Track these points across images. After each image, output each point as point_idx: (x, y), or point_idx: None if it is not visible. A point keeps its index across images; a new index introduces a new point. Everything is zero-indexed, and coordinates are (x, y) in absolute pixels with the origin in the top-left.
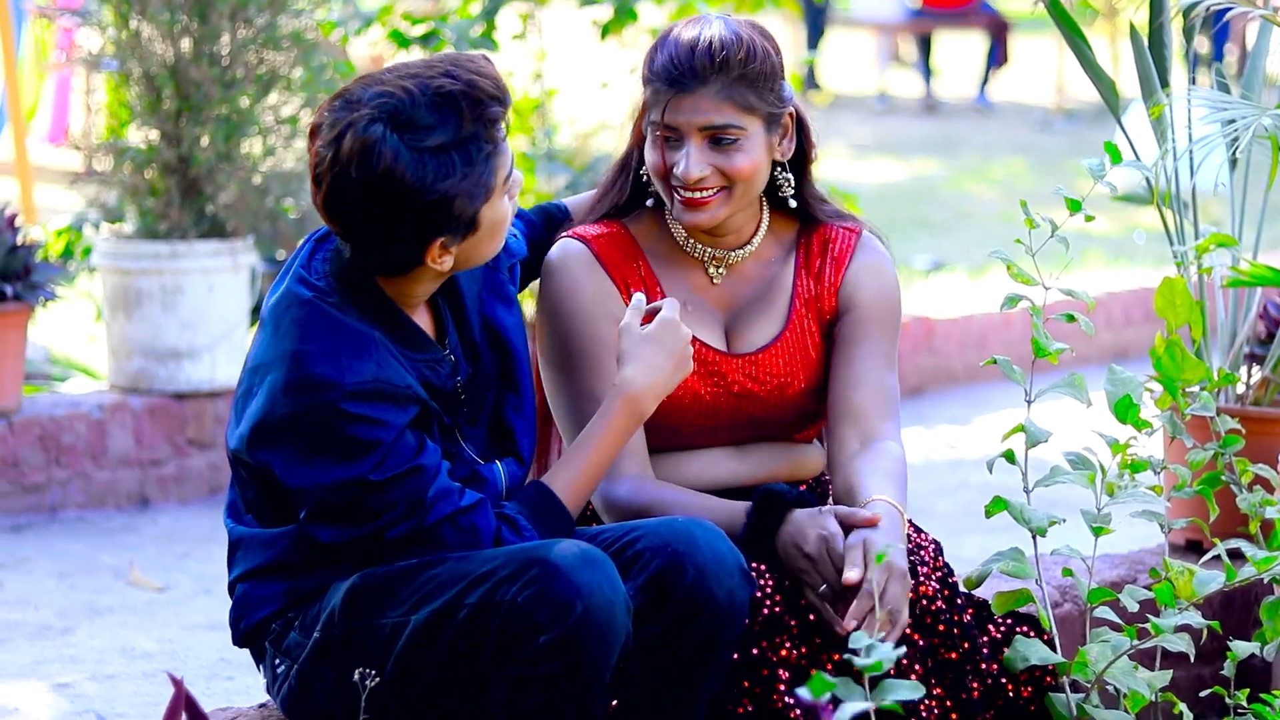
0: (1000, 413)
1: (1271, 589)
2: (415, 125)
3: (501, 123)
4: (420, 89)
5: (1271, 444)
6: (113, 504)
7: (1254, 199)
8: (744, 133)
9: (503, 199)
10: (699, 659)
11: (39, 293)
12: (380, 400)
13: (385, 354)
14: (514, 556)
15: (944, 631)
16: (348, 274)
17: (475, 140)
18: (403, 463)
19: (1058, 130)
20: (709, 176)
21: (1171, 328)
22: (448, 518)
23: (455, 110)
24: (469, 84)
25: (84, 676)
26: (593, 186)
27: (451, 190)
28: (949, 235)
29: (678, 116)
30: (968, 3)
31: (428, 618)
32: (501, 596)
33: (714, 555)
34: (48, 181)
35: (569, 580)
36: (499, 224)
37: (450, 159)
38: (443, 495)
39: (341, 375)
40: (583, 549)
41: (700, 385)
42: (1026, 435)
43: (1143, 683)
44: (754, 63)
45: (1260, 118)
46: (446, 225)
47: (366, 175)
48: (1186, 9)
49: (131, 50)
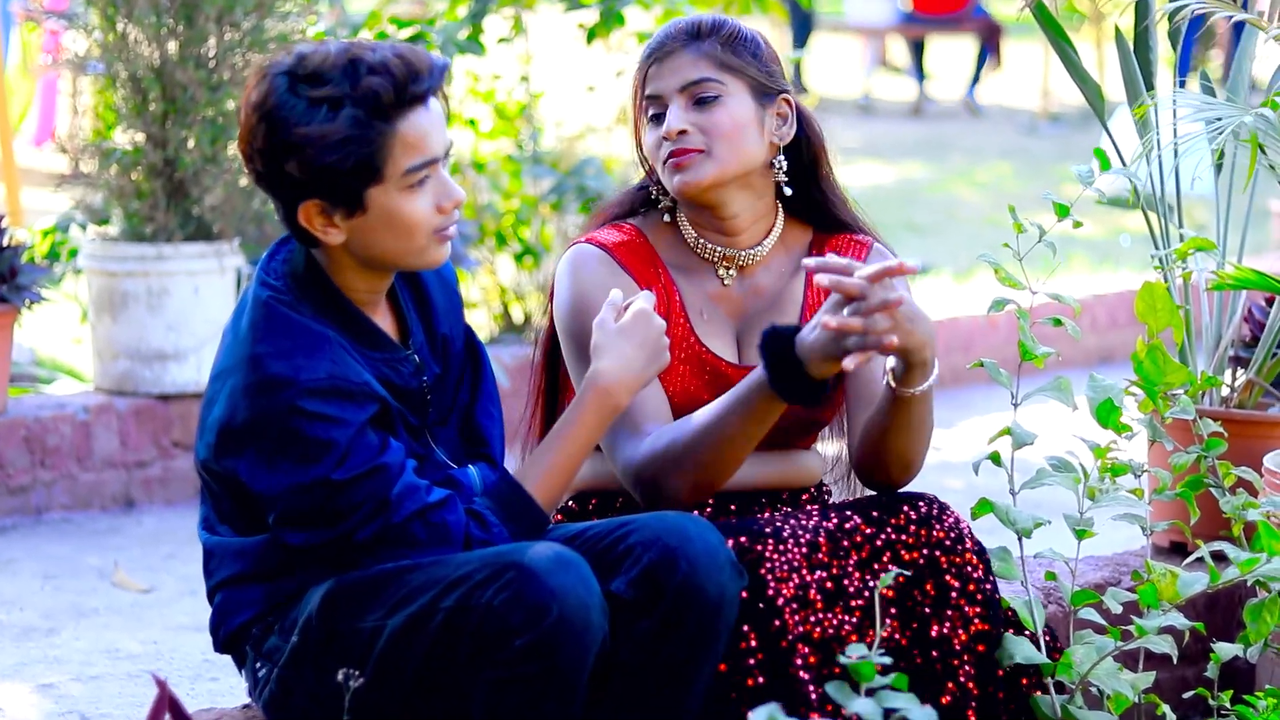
0: (986, 416)
1: (1255, 591)
2: (314, 77)
3: (411, 113)
4: (340, 53)
5: (1256, 446)
6: (98, 505)
7: (1239, 202)
8: (724, 89)
9: (407, 194)
10: (691, 653)
11: (25, 294)
12: (337, 397)
13: (340, 351)
14: (489, 560)
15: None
16: (303, 273)
17: (364, 107)
18: (365, 461)
19: (1044, 134)
20: (691, 134)
21: (1152, 332)
22: (416, 514)
23: (356, 76)
24: (383, 62)
25: (69, 678)
26: (579, 190)
27: (315, 139)
28: (935, 238)
29: (658, 83)
30: (960, 7)
31: (404, 622)
32: (477, 600)
33: (705, 549)
34: (34, 183)
35: (544, 583)
36: (399, 218)
37: (326, 113)
38: (409, 492)
39: (297, 373)
40: (557, 551)
41: (709, 394)
42: (1013, 437)
43: (1127, 684)
44: (728, 27)
45: (1241, 118)
46: (319, 186)
47: (251, 107)
48: (1171, 13)
49: (118, 53)
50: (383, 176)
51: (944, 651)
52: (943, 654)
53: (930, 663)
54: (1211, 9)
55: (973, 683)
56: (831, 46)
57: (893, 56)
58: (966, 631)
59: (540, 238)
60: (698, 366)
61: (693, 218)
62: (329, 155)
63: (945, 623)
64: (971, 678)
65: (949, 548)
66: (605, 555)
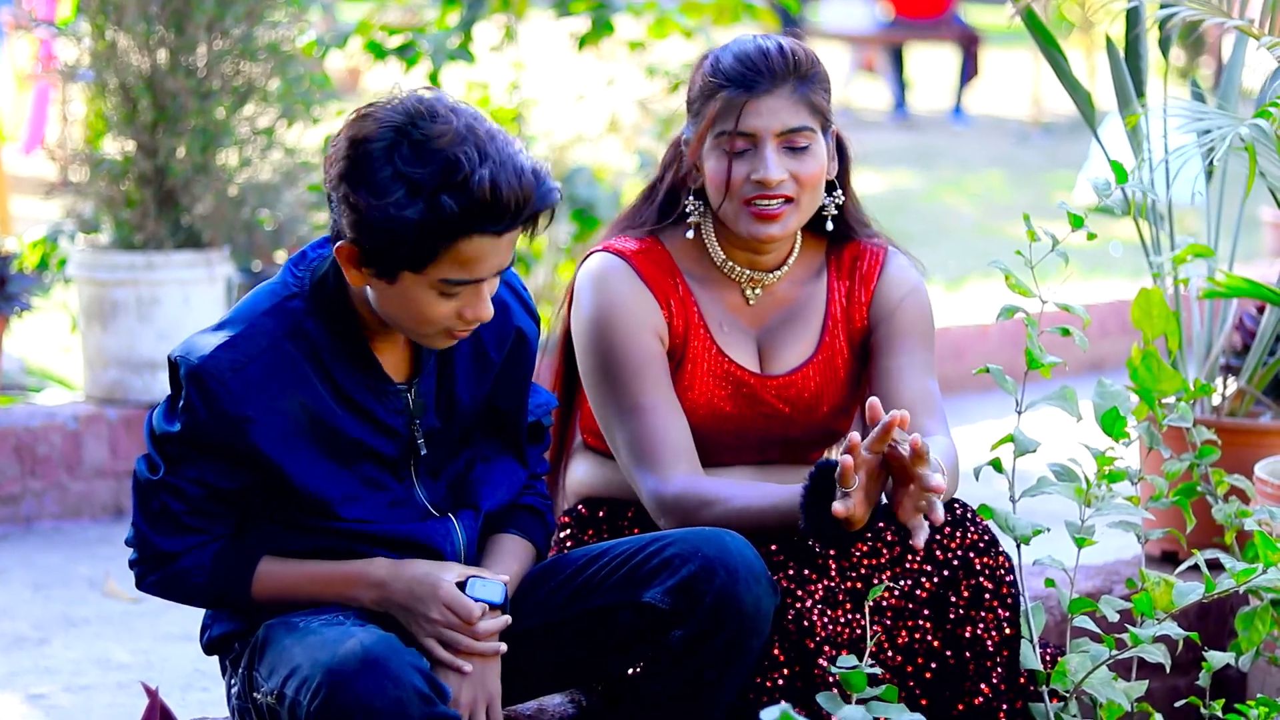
0: (978, 424)
1: (1247, 599)
2: (415, 152)
3: (480, 237)
4: (456, 140)
5: (1247, 454)
6: (88, 515)
7: (1230, 211)
8: (814, 137)
9: (437, 294)
10: (722, 664)
11: (14, 303)
12: (204, 400)
13: (275, 371)
14: (312, 656)
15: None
16: (327, 280)
17: (436, 215)
18: (190, 445)
19: (1034, 143)
20: (786, 181)
21: (1148, 339)
22: (161, 512)
23: (449, 178)
24: (480, 182)
25: (59, 687)
26: (569, 199)
27: (377, 212)
28: (926, 247)
29: (755, 120)
30: (939, 15)
31: (273, 692)
32: (302, 698)
33: (744, 562)
34: (23, 192)
35: (347, 692)
36: (419, 308)
37: (402, 196)
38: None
39: (206, 350)
40: (365, 648)
41: (732, 406)
42: (1015, 445)
43: (1121, 693)
44: (817, 65)
45: (1237, 128)
46: (360, 233)
47: (349, 137)
48: (1162, 20)
49: (108, 61)
50: (422, 272)
51: (977, 653)
52: (976, 655)
53: (963, 664)
54: (1203, 16)
55: (1005, 684)
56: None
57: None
58: (1000, 633)
59: (530, 246)
60: (721, 377)
61: (725, 241)
62: (382, 232)
63: (979, 625)
64: (1003, 679)
65: (983, 550)
66: (640, 568)
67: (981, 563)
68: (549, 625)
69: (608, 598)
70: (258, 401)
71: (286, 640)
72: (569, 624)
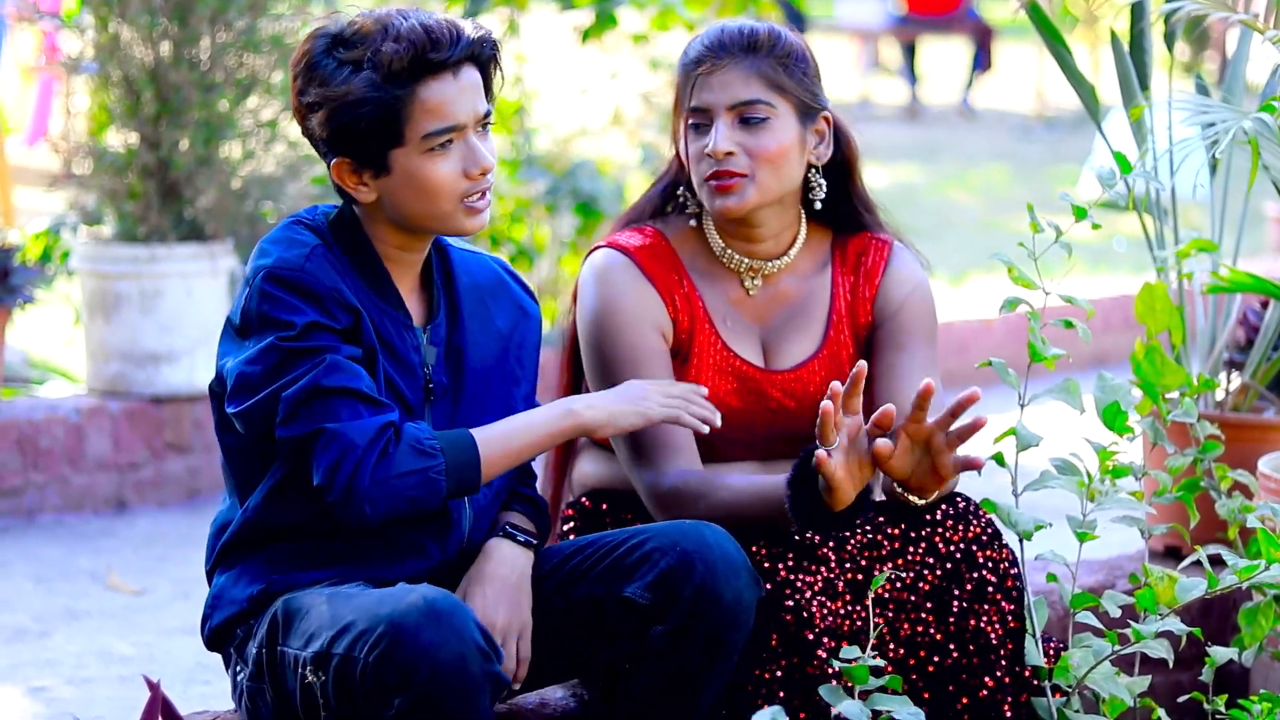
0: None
1: (1250, 595)
2: (348, 41)
3: (434, 80)
4: (378, 19)
5: (1250, 450)
6: (90, 508)
7: (1234, 205)
8: (774, 111)
9: (430, 158)
10: (705, 659)
11: (17, 296)
12: (300, 291)
13: (327, 264)
14: (369, 610)
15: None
16: (339, 221)
17: (379, 72)
18: (314, 345)
19: (1038, 137)
20: (737, 156)
21: (1151, 333)
22: (346, 390)
23: (379, 41)
24: (409, 29)
25: (61, 680)
26: (573, 192)
27: (334, 99)
28: (930, 242)
29: (707, 95)
30: (952, 10)
31: (313, 657)
32: (358, 653)
33: (723, 555)
34: (27, 184)
35: (410, 643)
36: (422, 181)
37: (348, 74)
38: (347, 377)
39: (269, 260)
40: (428, 601)
41: (737, 400)
42: (1018, 439)
43: (1124, 688)
44: (783, 43)
45: (1240, 121)
46: (343, 144)
47: (292, 64)
48: (1167, 15)
49: (111, 53)
50: (403, 140)
51: (980, 646)
52: (979, 648)
53: (967, 657)
54: (1208, 10)
55: (1009, 677)
56: (823, 49)
57: (885, 58)
58: (1004, 626)
59: (534, 240)
60: (726, 372)
61: (721, 228)
62: (345, 115)
63: (982, 617)
64: (1007, 671)
65: (985, 543)
66: (620, 561)
67: (984, 556)
68: (536, 614)
69: (591, 589)
70: (332, 277)
71: (324, 606)
72: (555, 615)
